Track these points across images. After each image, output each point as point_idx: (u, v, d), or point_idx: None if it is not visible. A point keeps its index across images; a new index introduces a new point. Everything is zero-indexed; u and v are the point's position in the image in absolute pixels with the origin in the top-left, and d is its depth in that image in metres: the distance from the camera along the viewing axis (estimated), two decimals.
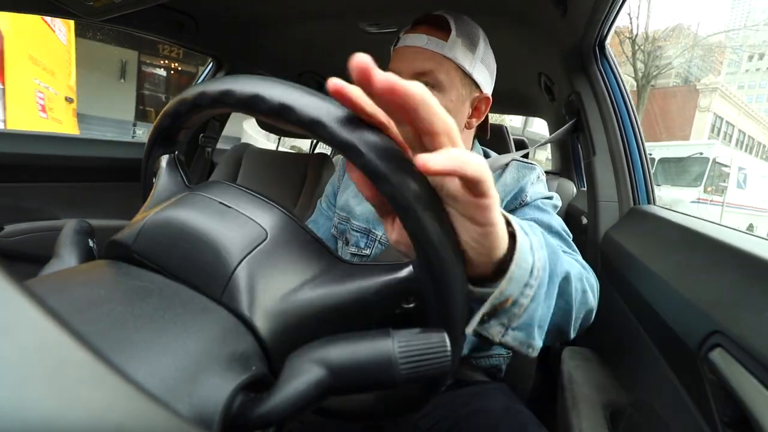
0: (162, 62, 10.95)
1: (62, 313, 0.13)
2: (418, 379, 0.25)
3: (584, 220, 1.22)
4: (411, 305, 0.31)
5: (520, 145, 1.95)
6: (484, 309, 0.33)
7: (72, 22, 3.93)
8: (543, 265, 0.37)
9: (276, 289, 0.28)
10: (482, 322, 0.34)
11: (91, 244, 0.34)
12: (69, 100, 4.32)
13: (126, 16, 0.91)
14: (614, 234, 0.94)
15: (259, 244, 0.29)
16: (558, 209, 0.74)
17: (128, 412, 0.13)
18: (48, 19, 3.77)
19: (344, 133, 0.26)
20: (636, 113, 1.07)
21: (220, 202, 0.30)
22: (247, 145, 1.74)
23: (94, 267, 0.27)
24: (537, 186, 0.75)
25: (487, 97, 0.74)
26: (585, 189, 1.25)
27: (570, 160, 2.05)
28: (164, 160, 0.37)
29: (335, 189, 0.89)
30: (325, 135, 0.26)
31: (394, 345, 0.25)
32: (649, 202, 1.01)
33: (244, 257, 0.27)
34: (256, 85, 0.28)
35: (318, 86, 1.87)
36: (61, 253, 0.32)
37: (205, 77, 1.65)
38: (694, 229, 0.67)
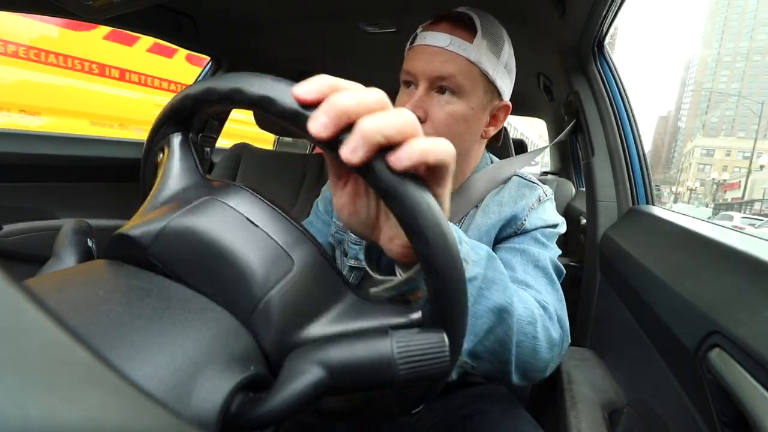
0: None
1: (61, 313, 0.13)
2: (418, 379, 0.25)
3: (583, 221, 1.22)
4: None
5: (520, 145, 1.95)
6: (392, 287, 0.35)
7: None
8: (468, 278, 0.39)
9: (294, 324, 0.28)
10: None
11: (90, 243, 0.34)
12: None
13: (125, 16, 0.91)
14: (613, 234, 0.94)
15: (285, 275, 0.28)
16: (558, 237, 0.68)
17: (127, 412, 0.13)
18: None
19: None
20: (634, 113, 1.07)
21: (247, 218, 0.29)
22: (246, 145, 1.74)
23: (93, 267, 0.27)
24: (539, 211, 0.66)
25: (507, 105, 0.68)
26: (584, 189, 1.25)
27: (569, 160, 2.06)
28: (176, 138, 0.34)
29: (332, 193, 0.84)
30: (275, 109, 0.26)
31: (393, 345, 0.25)
32: (647, 203, 1.01)
33: (272, 288, 0.27)
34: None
35: None
36: (60, 252, 0.31)
37: (204, 78, 1.65)
38: (693, 229, 0.67)
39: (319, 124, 0.25)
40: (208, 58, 1.58)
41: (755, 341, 0.36)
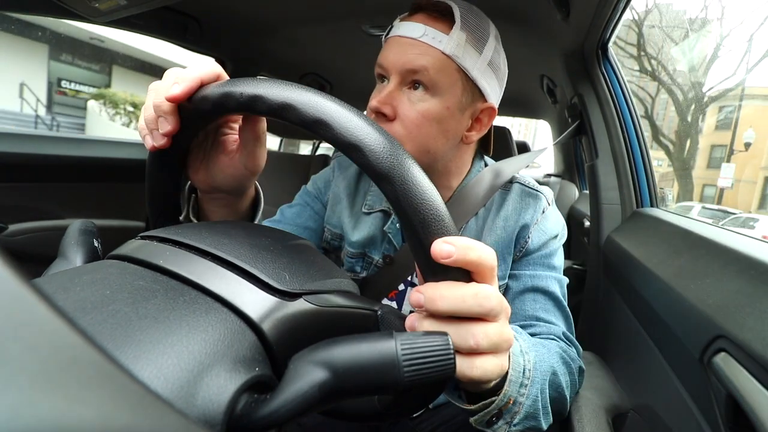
0: None
1: (68, 312, 0.13)
2: (422, 382, 0.25)
3: (586, 223, 1.22)
4: None
5: (523, 148, 1.95)
6: (492, 411, 0.39)
7: None
8: (533, 365, 0.43)
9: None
10: (489, 423, 0.41)
11: (95, 243, 0.34)
12: None
13: (130, 18, 0.91)
14: (617, 237, 0.94)
15: None
16: (563, 240, 0.67)
17: (136, 412, 0.13)
18: None
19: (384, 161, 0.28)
20: (638, 116, 1.07)
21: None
22: None
23: (99, 267, 0.27)
24: (542, 224, 0.64)
25: (492, 108, 0.61)
26: (587, 192, 1.25)
27: (572, 163, 2.05)
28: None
29: (327, 184, 0.77)
30: (363, 160, 0.29)
31: (397, 347, 0.25)
32: (652, 205, 1.01)
33: None
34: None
35: (320, 88, 1.87)
36: (66, 252, 0.32)
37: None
38: (698, 232, 0.66)
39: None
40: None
41: (762, 345, 0.36)
